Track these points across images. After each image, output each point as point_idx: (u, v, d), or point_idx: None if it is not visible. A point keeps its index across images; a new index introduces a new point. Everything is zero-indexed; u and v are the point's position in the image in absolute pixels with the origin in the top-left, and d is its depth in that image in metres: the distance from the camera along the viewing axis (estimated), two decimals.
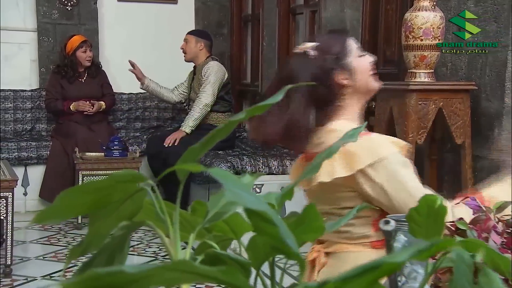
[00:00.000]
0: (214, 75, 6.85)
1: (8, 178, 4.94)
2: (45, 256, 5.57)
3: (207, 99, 6.78)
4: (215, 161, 6.07)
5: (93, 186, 1.11)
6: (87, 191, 1.11)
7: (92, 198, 1.13)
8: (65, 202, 1.10)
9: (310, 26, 6.74)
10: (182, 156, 1.14)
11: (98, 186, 1.12)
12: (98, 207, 1.15)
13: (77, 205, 1.12)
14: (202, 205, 1.21)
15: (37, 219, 1.10)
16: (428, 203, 1.27)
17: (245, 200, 0.90)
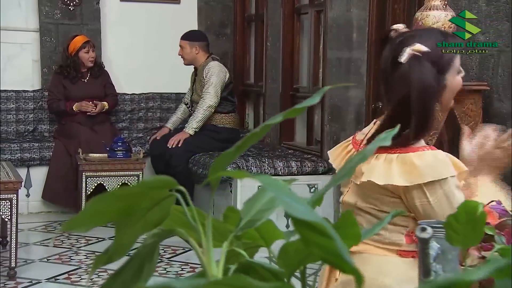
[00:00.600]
0: (216, 76, 6.79)
1: (13, 179, 4.89)
2: (49, 258, 5.52)
3: (211, 101, 6.73)
4: None
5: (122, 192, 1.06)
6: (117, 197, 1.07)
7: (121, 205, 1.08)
8: (94, 209, 1.06)
9: (315, 26, 6.69)
10: (215, 162, 1.09)
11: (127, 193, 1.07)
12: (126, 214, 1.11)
13: (106, 212, 1.07)
14: (234, 212, 1.16)
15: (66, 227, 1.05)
16: (467, 210, 1.23)
17: (297, 210, 0.85)
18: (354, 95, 5.72)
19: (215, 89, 6.77)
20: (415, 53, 2.28)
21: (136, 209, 1.10)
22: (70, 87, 7.30)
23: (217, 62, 6.92)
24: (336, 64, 5.91)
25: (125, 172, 6.52)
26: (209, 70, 6.83)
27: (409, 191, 2.23)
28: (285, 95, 7.12)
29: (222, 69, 6.92)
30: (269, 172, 5.92)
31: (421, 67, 2.27)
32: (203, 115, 6.74)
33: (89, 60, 7.33)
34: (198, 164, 6.45)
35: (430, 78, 2.27)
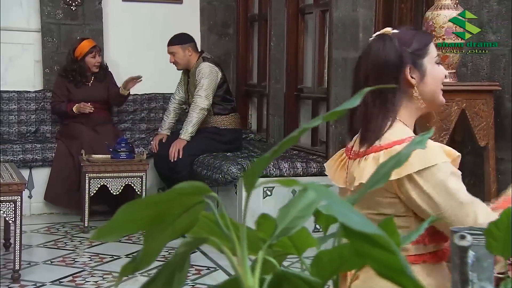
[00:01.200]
0: (207, 78, 6.71)
1: (16, 181, 4.83)
2: (52, 261, 5.47)
3: (203, 103, 6.65)
4: (224, 164, 5.96)
5: (153, 199, 1.02)
6: (148, 205, 1.02)
7: (153, 212, 1.03)
8: (125, 217, 1.01)
9: (320, 26, 6.64)
10: (251, 167, 1.04)
11: (158, 200, 1.02)
12: (157, 221, 1.06)
13: (137, 220, 1.03)
14: (267, 220, 1.11)
15: (96, 236, 1.01)
16: (509, 216, 1.18)
17: (354, 221, 0.79)
18: None
19: (206, 92, 6.69)
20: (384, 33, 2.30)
21: (167, 216, 1.06)
22: (74, 90, 7.25)
23: (207, 63, 6.81)
24: (342, 64, 5.86)
25: (129, 174, 6.46)
26: (200, 71, 6.74)
27: (402, 184, 2.16)
28: (289, 95, 7.07)
29: (213, 69, 6.82)
30: (274, 173, 5.87)
31: (384, 44, 2.26)
32: (196, 118, 6.66)
33: (95, 66, 7.29)
34: (202, 166, 6.40)
35: (390, 54, 2.25)
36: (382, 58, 2.24)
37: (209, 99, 6.70)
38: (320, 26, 6.63)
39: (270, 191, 5.80)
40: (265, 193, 5.80)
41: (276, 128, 7.31)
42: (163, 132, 7.13)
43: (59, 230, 6.47)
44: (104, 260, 5.52)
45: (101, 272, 5.21)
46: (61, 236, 6.25)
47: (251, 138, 7.69)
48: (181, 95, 7.15)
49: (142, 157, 6.65)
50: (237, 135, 7.01)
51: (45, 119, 7.66)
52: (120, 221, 1.00)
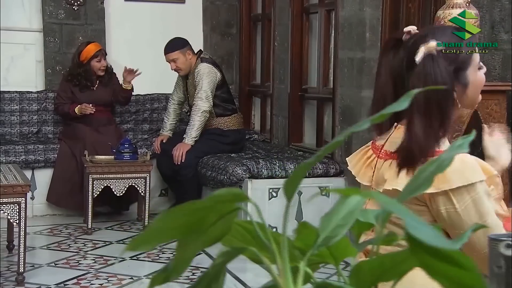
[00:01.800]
0: (206, 79, 6.64)
1: (21, 183, 4.78)
2: (56, 263, 5.41)
3: (204, 106, 6.59)
4: (229, 165, 5.90)
5: (191, 207, 0.96)
6: (185, 212, 0.97)
7: (189, 220, 0.98)
8: (161, 226, 0.96)
9: (325, 26, 6.59)
10: (293, 174, 0.99)
11: (196, 207, 0.97)
12: (192, 230, 1.00)
13: (173, 228, 0.97)
14: (307, 228, 1.05)
15: (131, 247, 0.95)
16: None
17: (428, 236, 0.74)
18: (367, 96, 5.61)
19: (206, 93, 6.63)
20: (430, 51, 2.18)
21: (202, 224, 1.00)
22: (79, 94, 7.19)
23: (205, 64, 6.74)
24: (348, 65, 5.81)
25: (132, 175, 6.40)
26: (198, 73, 6.68)
27: (435, 197, 2.09)
28: (293, 95, 7.01)
29: (212, 70, 6.75)
30: (280, 174, 5.81)
31: (434, 66, 2.15)
32: (199, 122, 6.60)
33: (101, 69, 7.22)
34: (207, 167, 6.35)
35: (445, 77, 2.16)
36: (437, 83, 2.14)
37: (210, 100, 6.64)
38: (325, 25, 6.57)
39: (276, 192, 5.74)
40: (271, 194, 5.74)
41: (280, 129, 7.26)
42: (164, 133, 7.07)
43: (62, 232, 6.42)
44: (109, 262, 5.46)
45: (106, 274, 5.15)
46: (64, 238, 6.19)
47: (254, 139, 7.64)
48: (179, 95, 7.09)
49: (146, 158, 6.59)
50: (240, 136, 6.96)
51: (47, 120, 7.61)
52: (156, 230, 0.95)
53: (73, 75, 7.19)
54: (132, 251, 0.92)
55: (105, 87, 7.32)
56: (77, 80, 7.17)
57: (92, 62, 7.16)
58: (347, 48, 5.82)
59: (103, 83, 7.30)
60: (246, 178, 5.76)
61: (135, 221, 6.89)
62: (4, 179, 4.90)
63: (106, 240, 6.13)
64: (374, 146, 2.34)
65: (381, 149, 2.28)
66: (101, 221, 6.70)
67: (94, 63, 7.17)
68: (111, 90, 7.35)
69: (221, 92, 6.80)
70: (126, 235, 6.34)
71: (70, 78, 7.20)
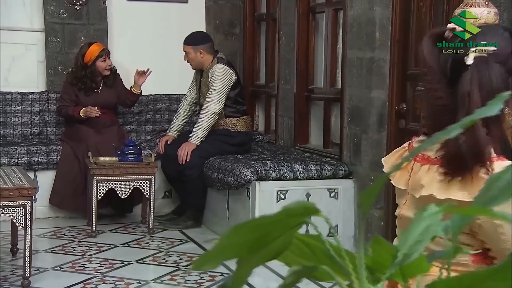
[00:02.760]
0: (220, 81, 6.56)
1: (26, 185, 4.68)
2: (62, 267, 5.31)
3: (214, 107, 6.50)
4: (237, 166, 5.81)
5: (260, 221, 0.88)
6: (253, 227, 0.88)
7: (253, 236, 0.89)
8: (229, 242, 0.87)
9: (332, 26, 6.49)
10: (371, 188, 0.90)
11: (265, 222, 0.88)
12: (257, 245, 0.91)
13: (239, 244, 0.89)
14: (381, 244, 0.96)
15: (197, 265, 0.87)
16: None
17: None
18: (377, 96, 5.53)
19: (218, 95, 6.54)
20: (482, 54, 2.07)
21: (267, 240, 0.92)
22: (83, 97, 7.08)
23: (221, 65, 6.65)
24: (357, 64, 5.72)
25: (137, 176, 6.31)
26: (213, 74, 6.60)
27: None
28: (299, 96, 6.92)
29: (227, 72, 6.66)
30: (288, 176, 5.72)
31: (489, 69, 2.04)
32: (207, 123, 6.52)
33: (106, 69, 7.12)
34: (213, 168, 6.26)
35: (499, 82, 2.05)
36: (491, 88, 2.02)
37: (221, 103, 6.55)
38: (333, 25, 6.48)
39: (284, 194, 5.65)
40: (279, 196, 5.65)
41: (286, 130, 7.16)
42: (170, 133, 6.98)
43: (66, 235, 6.33)
44: (115, 266, 5.37)
45: (113, 278, 5.06)
46: (68, 241, 6.10)
47: (259, 140, 7.55)
48: (193, 96, 7.00)
49: (151, 159, 6.50)
50: (248, 138, 6.87)
51: (49, 121, 7.51)
52: (224, 246, 0.86)
53: (78, 78, 7.08)
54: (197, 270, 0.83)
55: (110, 88, 7.22)
56: (82, 83, 7.06)
57: (97, 62, 7.06)
58: (356, 47, 5.73)
59: (108, 84, 7.21)
60: (253, 180, 5.66)
61: (139, 223, 6.80)
62: (9, 181, 4.81)
63: (110, 243, 6.04)
64: (410, 148, 2.25)
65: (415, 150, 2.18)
66: (104, 223, 6.61)
67: (99, 63, 7.07)
68: (116, 91, 7.26)
69: (234, 94, 6.72)
70: (131, 238, 6.24)
71: (75, 82, 7.09)
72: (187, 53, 6.73)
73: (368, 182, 5.62)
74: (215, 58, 6.72)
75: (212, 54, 6.75)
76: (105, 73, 7.12)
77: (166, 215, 6.95)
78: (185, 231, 6.54)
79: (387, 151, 5.52)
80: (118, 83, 7.34)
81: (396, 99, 5.45)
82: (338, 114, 6.44)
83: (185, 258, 5.61)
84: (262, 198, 5.62)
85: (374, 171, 5.58)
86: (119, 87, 7.31)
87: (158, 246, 5.99)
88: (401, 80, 5.42)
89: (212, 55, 6.75)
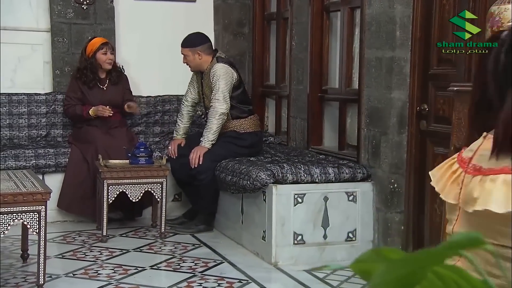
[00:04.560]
0: (222, 80, 6.40)
1: (41, 190, 4.53)
2: (75, 273, 5.16)
3: (221, 108, 6.35)
4: (252, 169, 5.65)
5: (415, 256, 0.73)
6: (406, 262, 0.73)
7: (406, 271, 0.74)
8: (379, 281, 0.72)
9: (348, 24, 6.35)
10: None
11: (420, 257, 0.73)
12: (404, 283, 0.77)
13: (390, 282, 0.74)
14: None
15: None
16: None
17: None
18: (397, 97, 5.39)
19: (223, 94, 6.38)
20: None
21: (419, 275, 0.77)
22: (88, 93, 6.95)
23: (221, 64, 6.49)
24: (376, 64, 5.57)
25: (148, 180, 6.15)
26: (214, 73, 6.43)
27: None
28: (312, 97, 6.78)
29: (228, 70, 6.49)
30: (305, 179, 5.57)
31: None
32: (217, 125, 6.36)
33: (107, 62, 6.96)
34: (226, 171, 6.11)
35: None
36: None
37: (227, 101, 6.40)
38: (348, 24, 6.34)
39: (301, 198, 5.50)
40: (296, 200, 5.50)
41: (298, 131, 7.02)
42: (179, 137, 6.83)
43: (76, 239, 6.18)
44: (129, 272, 5.21)
45: (128, 285, 4.90)
46: (78, 246, 5.95)
47: (270, 141, 7.40)
48: (193, 96, 6.83)
49: (162, 162, 6.35)
50: (258, 138, 6.72)
51: (56, 123, 7.36)
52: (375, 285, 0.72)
53: (80, 70, 6.99)
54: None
55: (115, 86, 7.07)
56: (85, 76, 6.94)
57: (98, 54, 6.94)
58: (375, 47, 5.58)
59: (113, 82, 7.06)
60: (270, 183, 5.51)
61: (150, 228, 6.66)
62: (22, 186, 4.65)
63: (122, 248, 5.89)
64: (460, 159, 2.07)
65: (469, 163, 2.01)
66: (114, 227, 6.46)
67: (99, 56, 6.94)
68: (122, 90, 7.11)
69: (238, 93, 6.56)
70: (142, 243, 6.09)
71: (79, 76, 6.98)
72: (186, 56, 6.56)
73: (388, 185, 5.47)
74: (214, 58, 6.57)
75: (210, 55, 6.59)
76: (105, 66, 6.97)
77: (176, 219, 6.80)
78: (197, 235, 6.39)
79: (407, 153, 5.38)
80: (124, 83, 7.19)
81: (417, 100, 5.31)
82: (354, 115, 6.30)
83: (200, 264, 5.46)
84: (279, 202, 5.47)
85: (394, 174, 5.44)
86: (125, 88, 7.17)
87: (171, 251, 5.85)
88: (422, 80, 5.28)
89: (211, 55, 6.59)
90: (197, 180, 6.35)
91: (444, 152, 5.03)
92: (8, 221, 4.39)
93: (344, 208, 5.61)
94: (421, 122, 5.30)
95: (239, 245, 6.05)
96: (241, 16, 8.24)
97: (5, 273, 5.05)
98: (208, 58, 6.56)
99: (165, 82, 7.62)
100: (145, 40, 7.87)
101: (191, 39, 6.65)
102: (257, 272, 5.27)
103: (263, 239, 5.61)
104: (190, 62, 6.59)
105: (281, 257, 5.48)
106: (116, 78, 7.09)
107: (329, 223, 5.58)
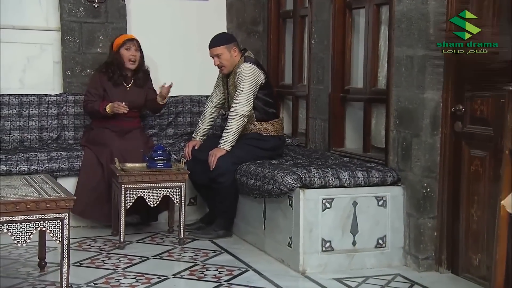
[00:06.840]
0: (247, 81, 6.17)
1: (64, 196, 4.28)
2: (96, 282, 4.90)
3: (242, 109, 6.12)
4: (278, 173, 5.42)
5: None
6: None
7: None
8: None
9: (374, 22, 6.12)
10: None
11: None
12: None
13: None
14: None
15: None
16: None
17: None
18: (430, 97, 5.16)
19: (246, 96, 6.15)
20: None
21: None
22: (111, 90, 6.73)
23: (248, 64, 6.26)
24: (406, 63, 5.34)
25: (167, 184, 5.91)
26: (240, 73, 6.21)
27: None
28: (334, 97, 6.56)
29: (255, 71, 6.27)
30: (334, 183, 5.34)
31: None
32: (236, 126, 6.13)
33: (130, 59, 6.74)
34: (248, 174, 5.87)
35: None
36: None
37: (250, 104, 6.17)
38: (374, 21, 6.11)
39: (330, 203, 5.27)
40: (324, 205, 5.27)
41: (318, 132, 6.79)
42: (197, 138, 6.60)
43: (92, 246, 5.94)
44: (152, 281, 4.97)
45: None
46: (95, 253, 5.71)
47: (288, 143, 7.16)
48: (219, 96, 6.60)
49: (180, 165, 6.12)
50: (281, 142, 6.48)
51: (67, 125, 7.12)
52: None
53: (107, 64, 6.83)
54: None
55: (139, 88, 6.86)
56: (111, 71, 6.76)
57: (121, 50, 6.78)
58: (405, 45, 5.35)
59: (138, 84, 6.85)
60: (297, 188, 5.28)
61: (167, 233, 6.43)
62: (44, 192, 4.41)
63: (141, 255, 5.66)
64: None
65: None
66: (129, 233, 6.22)
67: (123, 51, 6.77)
68: (145, 93, 6.89)
69: (264, 95, 6.32)
70: (161, 249, 5.86)
71: (105, 70, 6.78)
72: (220, 55, 6.29)
73: (420, 190, 5.24)
74: (243, 57, 6.34)
75: (241, 53, 6.39)
76: (128, 65, 6.75)
77: (193, 224, 6.58)
78: (217, 241, 6.17)
79: (440, 156, 5.17)
80: (149, 86, 6.98)
81: (452, 100, 5.09)
82: (379, 116, 6.08)
83: (225, 272, 5.22)
84: (306, 207, 5.24)
85: (427, 178, 5.21)
86: (148, 89, 6.95)
87: (192, 258, 5.61)
88: (457, 79, 5.06)
89: (241, 52, 6.39)
90: (216, 183, 6.12)
91: (482, 155, 4.82)
92: (30, 229, 4.15)
93: (374, 214, 5.39)
94: (456, 124, 5.08)
95: (261, 252, 5.83)
96: (255, 14, 8.03)
97: (23, 283, 4.81)
98: (239, 55, 6.35)
99: (178, 82, 7.38)
100: (157, 39, 7.64)
101: (224, 37, 6.49)
102: (285, 280, 5.04)
103: (289, 246, 5.39)
104: (226, 60, 6.33)
105: (308, 264, 5.25)
106: (142, 80, 6.89)
107: (358, 229, 5.36)
